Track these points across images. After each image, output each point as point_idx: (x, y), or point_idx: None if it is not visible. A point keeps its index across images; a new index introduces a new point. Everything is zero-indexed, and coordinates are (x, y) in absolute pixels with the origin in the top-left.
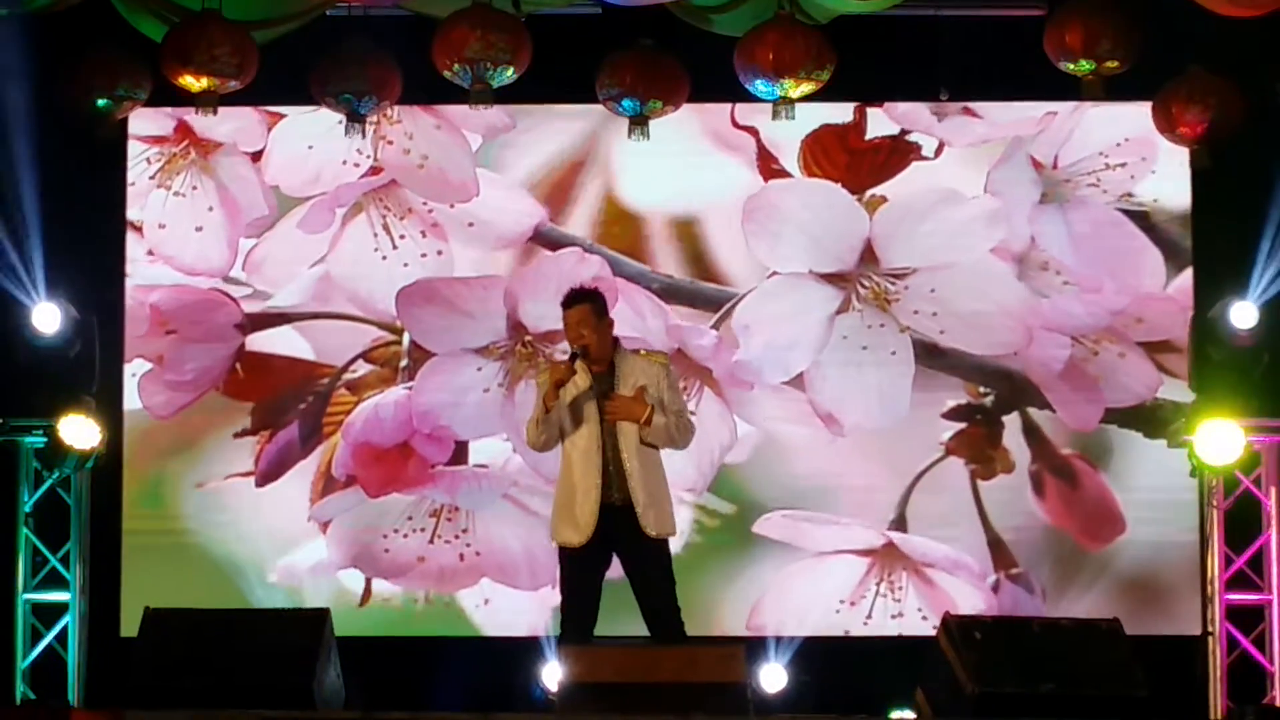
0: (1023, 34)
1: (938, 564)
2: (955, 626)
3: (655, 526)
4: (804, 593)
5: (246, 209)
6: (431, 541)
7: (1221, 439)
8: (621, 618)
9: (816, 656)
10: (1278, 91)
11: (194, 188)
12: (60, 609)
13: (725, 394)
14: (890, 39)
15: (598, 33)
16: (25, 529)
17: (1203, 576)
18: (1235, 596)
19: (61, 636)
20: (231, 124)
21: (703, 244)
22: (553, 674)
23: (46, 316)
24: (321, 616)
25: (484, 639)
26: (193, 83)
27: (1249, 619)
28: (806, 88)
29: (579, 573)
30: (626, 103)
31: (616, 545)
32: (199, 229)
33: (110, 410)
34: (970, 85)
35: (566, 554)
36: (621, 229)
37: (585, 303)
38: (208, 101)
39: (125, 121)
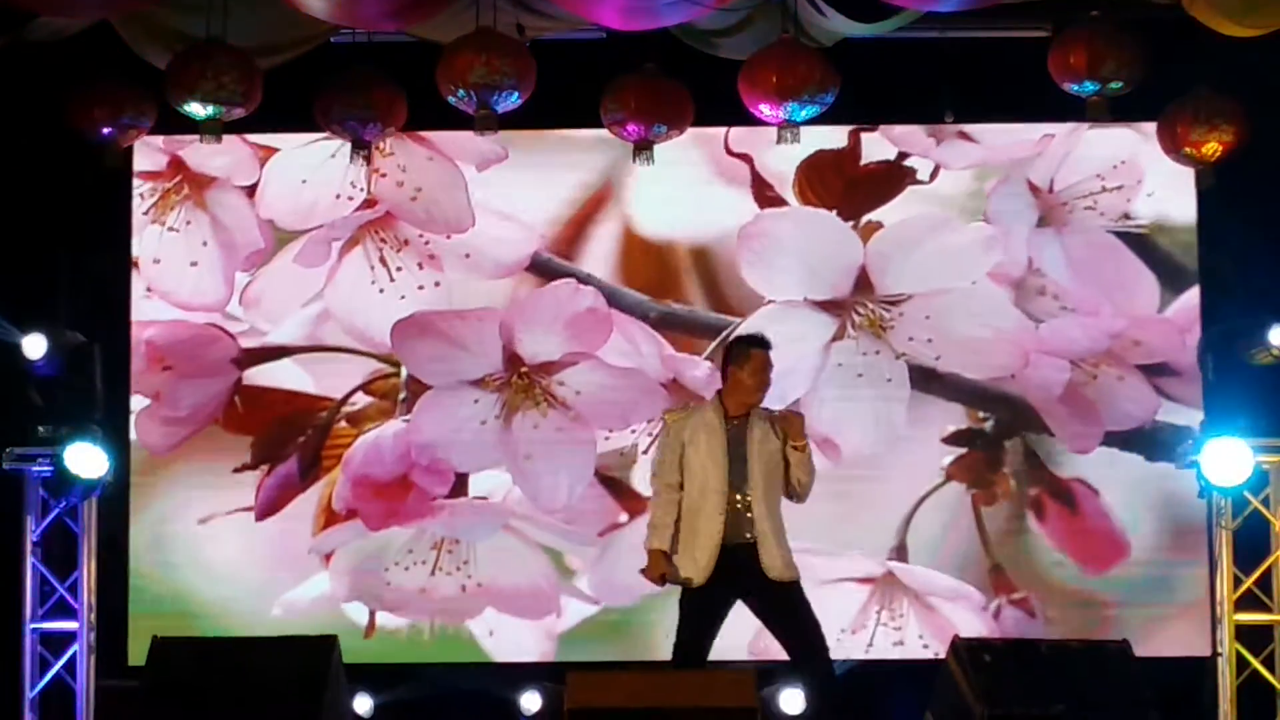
0: (1023, 56)
1: (938, 593)
2: (964, 649)
3: (779, 570)
4: None
5: (241, 243)
6: (433, 574)
7: (1230, 458)
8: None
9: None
10: None
11: (188, 223)
12: (68, 638)
13: None
14: (890, 62)
15: (602, 57)
16: (33, 558)
17: (1211, 597)
18: (1244, 617)
19: (70, 666)
20: (225, 158)
21: (719, 273)
22: (531, 700)
23: (49, 345)
24: (330, 643)
25: (494, 665)
26: (199, 110)
27: (1258, 639)
28: (811, 110)
29: (696, 610)
30: (631, 128)
31: (740, 588)
32: (194, 264)
33: (117, 439)
34: (971, 107)
35: (686, 590)
36: (636, 259)
37: (768, 348)
38: (212, 130)
39: (131, 151)
